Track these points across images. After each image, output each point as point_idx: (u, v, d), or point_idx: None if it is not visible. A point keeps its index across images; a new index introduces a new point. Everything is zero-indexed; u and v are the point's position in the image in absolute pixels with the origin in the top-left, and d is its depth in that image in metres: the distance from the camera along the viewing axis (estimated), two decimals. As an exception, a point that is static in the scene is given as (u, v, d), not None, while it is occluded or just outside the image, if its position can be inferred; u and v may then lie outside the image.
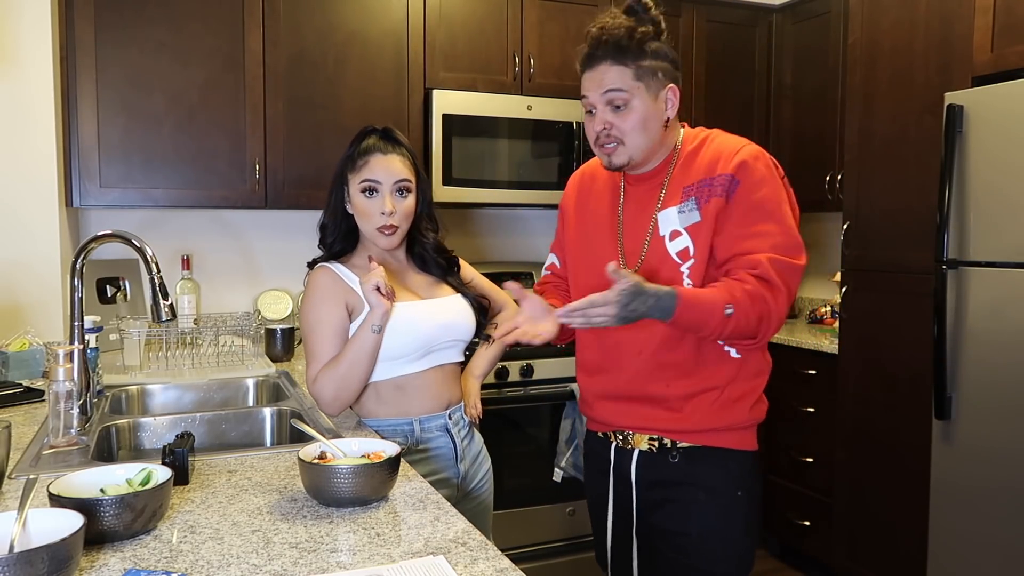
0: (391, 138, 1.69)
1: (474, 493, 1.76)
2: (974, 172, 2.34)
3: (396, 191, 1.65)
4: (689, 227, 1.48)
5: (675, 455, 1.53)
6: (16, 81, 2.41)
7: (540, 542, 2.90)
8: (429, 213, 1.76)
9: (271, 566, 1.02)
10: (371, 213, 1.64)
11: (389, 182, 1.64)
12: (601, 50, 1.48)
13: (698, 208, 1.47)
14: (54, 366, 1.53)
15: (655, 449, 1.55)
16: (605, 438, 1.64)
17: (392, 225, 1.64)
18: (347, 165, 1.69)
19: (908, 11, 2.65)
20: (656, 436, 1.55)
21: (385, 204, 1.63)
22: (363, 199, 1.65)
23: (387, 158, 1.65)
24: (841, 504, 2.95)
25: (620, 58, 1.46)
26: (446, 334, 1.68)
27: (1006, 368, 2.26)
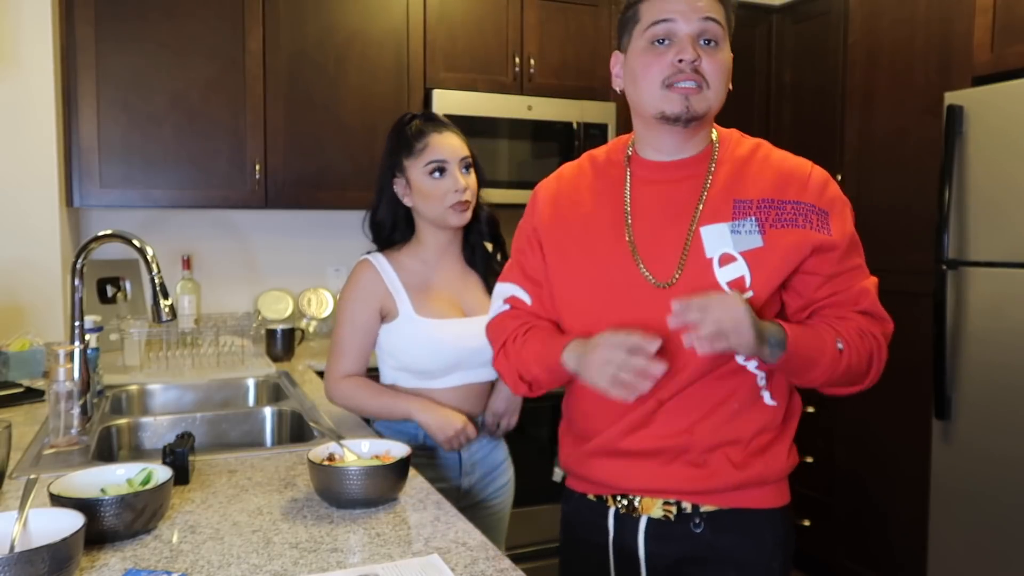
0: (436, 118, 1.67)
1: (487, 503, 1.71)
2: (974, 172, 2.34)
3: (463, 167, 1.64)
4: (747, 252, 1.16)
5: (698, 523, 1.21)
6: (16, 81, 2.41)
7: (540, 542, 2.90)
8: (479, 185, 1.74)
9: (271, 566, 1.03)
10: (442, 193, 1.61)
11: (455, 159, 1.62)
12: None
13: (760, 231, 1.17)
14: (54, 366, 1.53)
15: (672, 516, 1.22)
16: (599, 502, 1.28)
17: (466, 201, 1.63)
18: (401, 152, 1.64)
19: (908, 11, 2.65)
20: (672, 500, 1.21)
21: (458, 181, 1.61)
22: (431, 181, 1.61)
23: (444, 136, 1.63)
24: (841, 504, 2.95)
25: None
26: (475, 356, 1.62)
27: (1006, 368, 2.26)
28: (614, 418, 1.22)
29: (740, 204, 1.19)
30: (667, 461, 1.20)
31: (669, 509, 1.22)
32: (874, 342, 1.20)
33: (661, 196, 1.24)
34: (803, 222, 1.17)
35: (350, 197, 2.83)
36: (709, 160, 1.24)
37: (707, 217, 1.19)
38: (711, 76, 1.18)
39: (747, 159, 1.24)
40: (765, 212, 1.18)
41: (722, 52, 1.20)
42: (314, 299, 3.14)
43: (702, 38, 1.18)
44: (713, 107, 1.20)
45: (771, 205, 1.18)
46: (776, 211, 1.18)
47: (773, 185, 1.20)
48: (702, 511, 1.21)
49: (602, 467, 1.25)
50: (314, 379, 2.35)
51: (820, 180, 1.21)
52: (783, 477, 1.26)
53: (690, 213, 1.21)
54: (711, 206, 1.20)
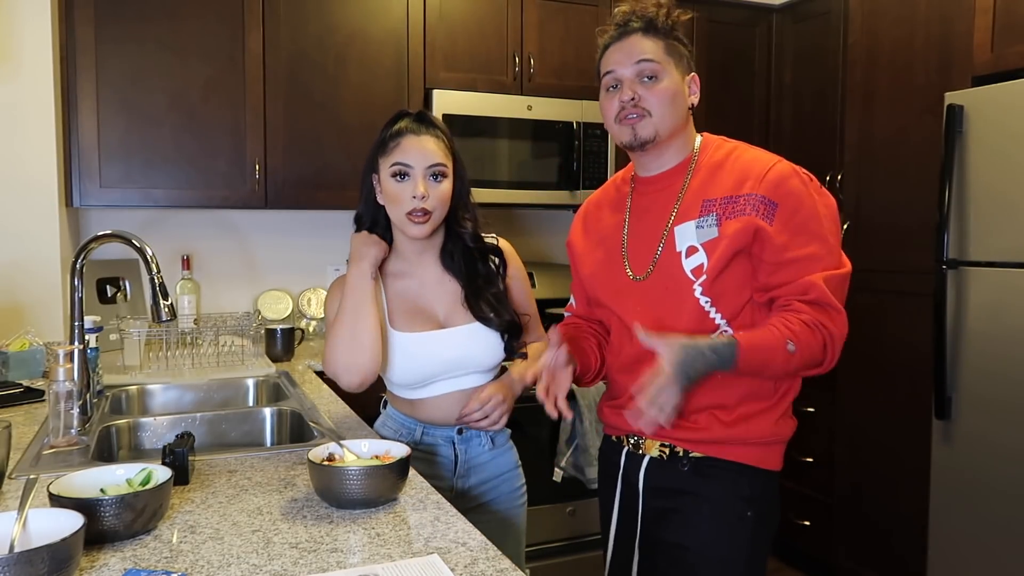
0: (424, 120, 1.58)
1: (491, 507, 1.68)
2: (974, 172, 2.34)
3: (430, 175, 1.53)
4: (706, 243, 1.39)
5: (685, 464, 1.45)
6: (16, 81, 2.41)
7: (540, 542, 2.90)
8: (466, 202, 1.63)
9: (271, 566, 1.03)
10: (401, 198, 1.52)
11: (422, 165, 1.52)
12: (633, 24, 1.44)
13: (718, 224, 1.38)
14: (54, 366, 1.53)
15: (666, 456, 1.47)
16: (618, 442, 1.58)
17: (423, 210, 1.51)
18: (378, 149, 1.58)
19: (908, 11, 2.65)
20: (667, 443, 1.47)
21: (417, 187, 1.51)
22: (393, 184, 1.53)
23: (420, 139, 1.54)
24: (841, 504, 2.95)
25: (652, 31, 1.44)
26: (455, 366, 1.59)
27: (1006, 368, 2.26)
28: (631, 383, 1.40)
29: (707, 203, 1.41)
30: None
31: (664, 450, 1.48)
32: (825, 331, 1.34)
33: (647, 204, 1.50)
34: (750, 211, 1.36)
35: (350, 197, 2.79)
36: (687, 169, 1.47)
37: (679, 218, 1.44)
38: (652, 105, 1.41)
39: (720, 163, 1.44)
40: (724, 207, 1.39)
41: (661, 83, 1.42)
42: (314, 299, 3.14)
43: (641, 76, 1.42)
44: (661, 129, 1.43)
45: (730, 200, 1.39)
46: (732, 205, 1.38)
47: (736, 183, 1.40)
48: (691, 456, 1.45)
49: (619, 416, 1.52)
50: (314, 379, 2.35)
51: (778, 175, 1.38)
52: (768, 442, 1.45)
53: (667, 216, 1.45)
54: (683, 207, 1.44)
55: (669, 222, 1.44)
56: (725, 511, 1.43)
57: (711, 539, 1.43)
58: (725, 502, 1.43)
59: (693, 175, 1.45)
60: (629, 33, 1.45)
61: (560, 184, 3.11)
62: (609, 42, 1.48)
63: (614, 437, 1.60)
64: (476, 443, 1.66)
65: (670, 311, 1.43)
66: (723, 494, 1.43)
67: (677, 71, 1.44)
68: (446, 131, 1.60)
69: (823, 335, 1.34)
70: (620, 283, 1.50)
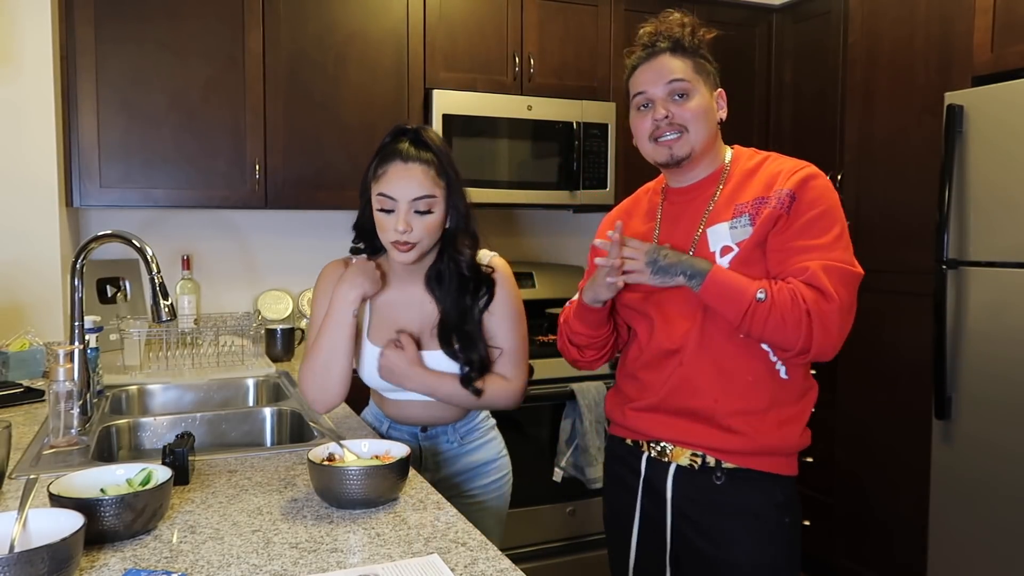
0: (419, 142, 1.52)
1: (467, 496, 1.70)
2: (974, 172, 2.34)
3: (414, 210, 1.49)
4: (742, 242, 1.41)
5: (720, 476, 1.43)
6: (16, 81, 2.41)
7: (540, 542, 2.90)
8: (466, 227, 1.57)
9: (271, 566, 1.03)
10: (386, 227, 1.51)
11: (405, 199, 1.48)
12: (660, 44, 1.47)
13: (752, 223, 1.41)
14: (54, 366, 1.53)
15: (696, 466, 1.45)
16: (635, 446, 1.54)
17: (407, 242, 1.50)
18: (370, 169, 1.55)
19: (908, 11, 2.65)
20: (699, 452, 1.44)
21: (399, 222, 1.48)
22: (379, 214, 1.52)
23: (407, 168, 1.49)
24: (841, 504, 2.95)
25: (680, 50, 1.47)
26: None
27: (1006, 368, 2.26)
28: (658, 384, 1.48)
29: (739, 206, 1.44)
30: (697, 421, 1.44)
31: (695, 460, 1.45)
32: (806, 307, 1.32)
33: (678, 212, 1.53)
34: (775, 203, 1.40)
35: (350, 197, 2.79)
36: (719, 179, 1.50)
37: (711, 220, 1.46)
38: (687, 122, 1.45)
39: (752, 171, 1.48)
40: (755, 207, 1.42)
41: (693, 100, 1.45)
42: (314, 299, 3.14)
43: (672, 95, 1.45)
44: (696, 146, 1.46)
45: (760, 201, 1.42)
46: (763, 205, 1.41)
47: (766, 186, 1.43)
48: (724, 467, 1.44)
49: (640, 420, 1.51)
50: (314, 379, 2.35)
51: (806, 174, 1.42)
52: (795, 452, 1.47)
53: (699, 221, 1.48)
54: (715, 211, 1.46)
55: (701, 226, 1.47)
56: (766, 521, 1.44)
57: (758, 551, 1.43)
58: (764, 512, 1.44)
59: (726, 183, 1.49)
60: (657, 53, 1.47)
61: (560, 184, 3.11)
62: (637, 63, 1.50)
63: (629, 440, 1.56)
64: (444, 439, 1.69)
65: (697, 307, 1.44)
66: (761, 504, 1.44)
67: (706, 88, 1.48)
68: (442, 152, 1.54)
69: (803, 310, 1.32)
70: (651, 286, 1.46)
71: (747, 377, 1.41)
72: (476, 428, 1.73)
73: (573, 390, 2.84)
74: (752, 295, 1.34)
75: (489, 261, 1.64)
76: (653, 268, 1.38)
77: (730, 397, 1.42)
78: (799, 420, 1.45)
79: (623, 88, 1.57)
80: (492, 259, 1.65)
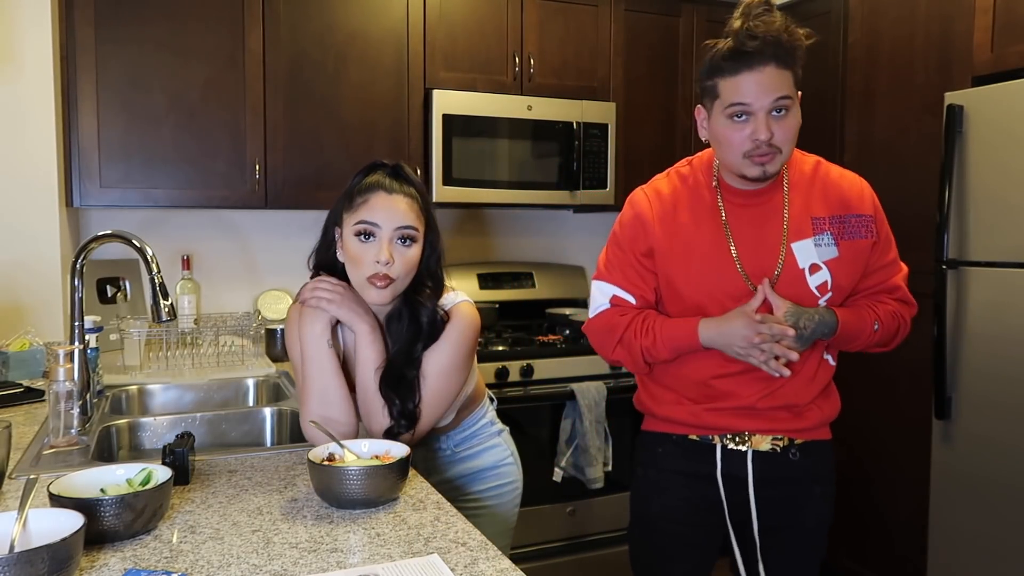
0: (400, 175, 1.45)
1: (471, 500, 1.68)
2: (974, 172, 2.34)
3: (398, 239, 1.41)
4: (828, 261, 1.50)
5: (795, 452, 1.57)
6: (16, 81, 2.41)
7: (540, 542, 2.90)
8: (434, 271, 1.49)
9: (271, 566, 1.03)
10: (364, 260, 1.40)
11: (390, 226, 1.40)
12: (767, 50, 1.38)
13: (836, 243, 1.50)
14: (54, 366, 1.53)
15: (779, 449, 1.56)
16: (704, 441, 1.58)
17: (386, 276, 1.40)
18: (343, 203, 1.45)
19: (908, 11, 2.65)
20: (780, 436, 1.56)
21: (381, 252, 1.39)
22: (356, 243, 1.40)
23: (391, 198, 1.41)
24: (841, 504, 2.93)
25: (785, 61, 1.40)
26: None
27: (1006, 368, 2.26)
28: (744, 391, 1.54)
29: (816, 221, 1.51)
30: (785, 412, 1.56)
31: (777, 443, 1.56)
32: (901, 320, 1.59)
33: (752, 217, 1.53)
34: (864, 232, 1.52)
35: (350, 197, 2.82)
36: (782, 184, 1.54)
37: (793, 235, 1.51)
38: (783, 142, 1.43)
39: (812, 178, 1.55)
40: (836, 226, 1.51)
41: (791, 117, 1.44)
42: (314, 299, 3.13)
43: (773, 110, 1.41)
44: (785, 162, 1.49)
45: (839, 220, 1.52)
46: (844, 225, 1.52)
47: (839, 201, 1.53)
48: (796, 443, 1.57)
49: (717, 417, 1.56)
50: (314, 379, 2.35)
51: (870, 193, 1.57)
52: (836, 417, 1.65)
53: (778, 231, 1.51)
54: (794, 225, 1.51)
55: (784, 239, 1.51)
56: (826, 484, 1.62)
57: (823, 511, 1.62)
58: (825, 476, 1.62)
59: (791, 190, 1.53)
60: (764, 63, 1.39)
61: (560, 184, 3.11)
62: (735, 67, 1.39)
63: (694, 436, 1.59)
64: (435, 446, 1.65)
65: None
66: (824, 471, 1.61)
67: (797, 100, 1.46)
68: (423, 190, 1.48)
69: (899, 323, 1.58)
70: (737, 292, 1.50)
71: (814, 369, 1.57)
72: (475, 435, 1.69)
73: (573, 390, 2.84)
74: (870, 330, 1.54)
75: (454, 307, 1.52)
76: (799, 341, 1.46)
77: (808, 388, 1.56)
78: (836, 389, 1.65)
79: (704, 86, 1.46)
80: (457, 305, 1.52)
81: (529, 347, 2.94)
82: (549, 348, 2.94)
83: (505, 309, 3.21)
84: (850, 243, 1.51)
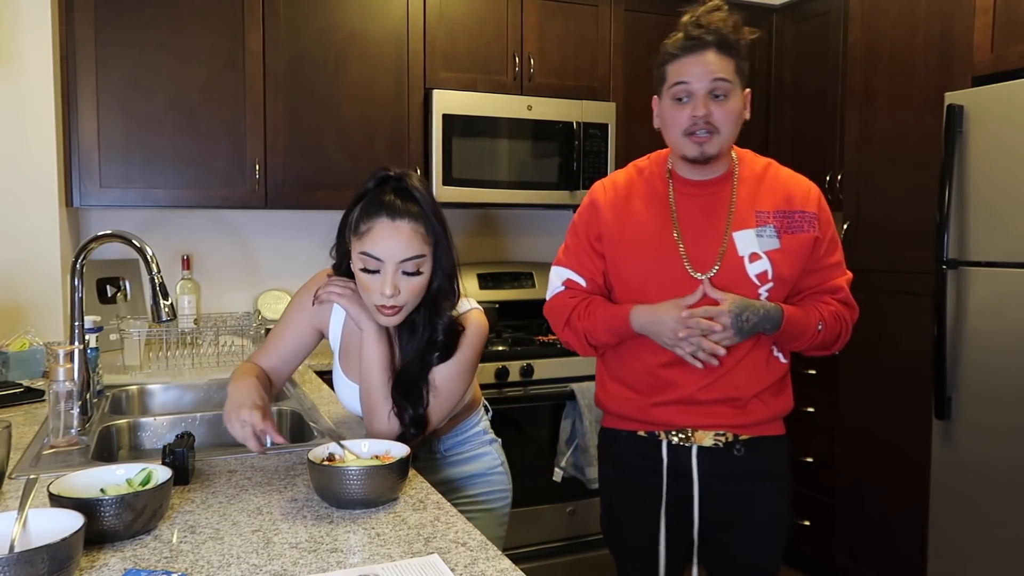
0: (406, 194, 1.42)
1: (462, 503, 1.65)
2: (974, 172, 2.34)
3: (403, 271, 1.40)
4: (769, 252, 1.54)
5: (739, 448, 1.59)
6: (16, 81, 2.41)
7: (540, 542, 2.91)
8: (449, 287, 1.47)
9: (271, 566, 1.03)
10: (371, 289, 1.41)
11: (393, 260, 1.39)
12: (709, 37, 1.49)
13: (778, 236, 1.55)
14: (54, 366, 1.53)
15: (721, 444, 1.59)
16: (651, 436, 1.62)
17: (394, 306, 1.41)
18: (349, 222, 1.45)
19: (908, 11, 2.65)
20: (722, 432, 1.59)
21: (386, 285, 1.38)
22: (363, 275, 1.41)
23: (395, 227, 1.38)
24: (841, 504, 2.95)
25: (726, 49, 1.50)
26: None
27: (1006, 368, 2.26)
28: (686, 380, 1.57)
29: (760, 214, 1.56)
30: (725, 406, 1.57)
31: (719, 439, 1.59)
32: (844, 324, 1.62)
33: (699, 207, 1.59)
34: (807, 227, 1.57)
35: (350, 197, 2.80)
36: (732, 178, 1.60)
37: (736, 225, 1.56)
38: (721, 124, 1.50)
39: (761, 176, 1.61)
40: (780, 220, 1.56)
41: (731, 101, 1.51)
42: (314, 299, 3.13)
43: (713, 93, 1.49)
44: (724, 146, 1.54)
45: (783, 214, 1.56)
46: (788, 220, 1.56)
47: (785, 198, 1.58)
48: (741, 439, 1.59)
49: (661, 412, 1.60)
50: (314, 379, 2.35)
51: (816, 194, 1.62)
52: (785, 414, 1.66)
53: (723, 221, 1.57)
54: (738, 216, 1.56)
55: (727, 228, 1.56)
56: (779, 479, 1.63)
57: (777, 507, 1.63)
58: (777, 472, 1.63)
59: (739, 184, 1.59)
60: (704, 47, 1.49)
61: (560, 184, 3.11)
62: (680, 52, 1.51)
63: (643, 432, 1.64)
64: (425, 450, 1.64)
65: None
66: (775, 466, 1.63)
67: (740, 89, 1.53)
68: (429, 203, 1.43)
69: (841, 326, 1.60)
70: (678, 278, 1.55)
71: (760, 364, 1.59)
72: (467, 441, 1.68)
73: (573, 390, 2.85)
74: (814, 330, 1.56)
75: (465, 314, 1.52)
76: (738, 333, 1.48)
77: (752, 382, 1.58)
78: (788, 387, 1.67)
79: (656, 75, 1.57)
80: (468, 313, 1.53)
81: (529, 347, 2.94)
82: (549, 348, 2.94)
83: (505, 309, 3.21)
84: (792, 236, 1.55)
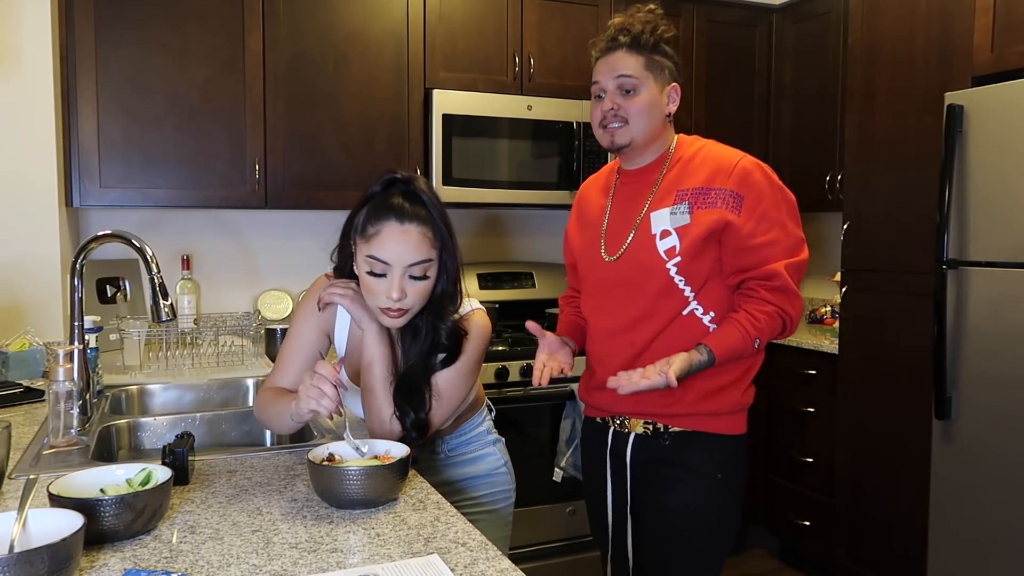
0: (413, 197, 1.41)
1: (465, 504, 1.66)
2: (974, 172, 2.34)
3: (409, 275, 1.39)
4: (679, 228, 1.58)
5: (666, 439, 1.64)
6: (16, 81, 2.41)
7: (540, 542, 2.91)
8: (453, 291, 1.47)
9: (271, 566, 1.02)
10: (376, 292, 1.40)
11: (401, 264, 1.38)
12: (620, 39, 1.61)
13: (690, 212, 1.57)
14: (54, 366, 1.53)
15: (650, 432, 1.66)
16: (603, 423, 1.74)
17: (400, 309, 1.40)
18: (355, 224, 1.44)
19: (908, 11, 2.65)
20: (650, 421, 1.65)
21: (392, 289, 1.38)
22: (368, 277, 1.40)
23: (403, 231, 1.38)
24: (841, 504, 2.95)
25: (635, 48, 1.61)
26: None
27: (1006, 368, 2.26)
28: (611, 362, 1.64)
29: (680, 192, 1.60)
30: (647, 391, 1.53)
31: (648, 427, 1.66)
32: (784, 316, 1.58)
33: (629, 193, 1.68)
34: (721, 204, 1.55)
35: (350, 197, 2.75)
36: (663, 165, 1.66)
37: (654, 205, 1.62)
38: (629, 115, 1.60)
39: (691, 157, 1.64)
40: (696, 197, 1.58)
41: (639, 96, 1.60)
42: (314, 299, 3.13)
43: (622, 89, 1.61)
44: (637, 136, 1.62)
45: (700, 191, 1.58)
46: (704, 196, 1.57)
47: (707, 176, 1.59)
48: (670, 431, 1.64)
49: (602, 397, 1.69)
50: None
51: (743, 169, 1.57)
52: (740, 410, 1.66)
53: (643, 204, 1.64)
54: (658, 196, 1.62)
55: (644, 209, 1.63)
56: (701, 475, 1.62)
57: (690, 499, 1.62)
58: (700, 468, 1.63)
59: (669, 168, 1.65)
60: (615, 49, 1.63)
61: (560, 184, 3.11)
62: (598, 55, 1.66)
63: (598, 419, 1.76)
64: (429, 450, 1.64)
65: (640, 287, 1.61)
66: (699, 461, 1.62)
67: (656, 84, 1.62)
68: (434, 206, 1.43)
69: (783, 319, 1.58)
70: (597, 262, 1.69)
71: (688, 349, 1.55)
72: (471, 441, 1.68)
73: (573, 390, 2.83)
74: (751, 349, 1.56)
75: (468, 315, 1.52)
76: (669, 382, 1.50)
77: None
78: (741, 382, 1.64)
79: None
80: (471, 314, 1.53)
81: (529, 347, 2.94)
82: (549, 348, 2.93)
83: (505, 309, 3.21)
84: (704, 212, 1.56)
